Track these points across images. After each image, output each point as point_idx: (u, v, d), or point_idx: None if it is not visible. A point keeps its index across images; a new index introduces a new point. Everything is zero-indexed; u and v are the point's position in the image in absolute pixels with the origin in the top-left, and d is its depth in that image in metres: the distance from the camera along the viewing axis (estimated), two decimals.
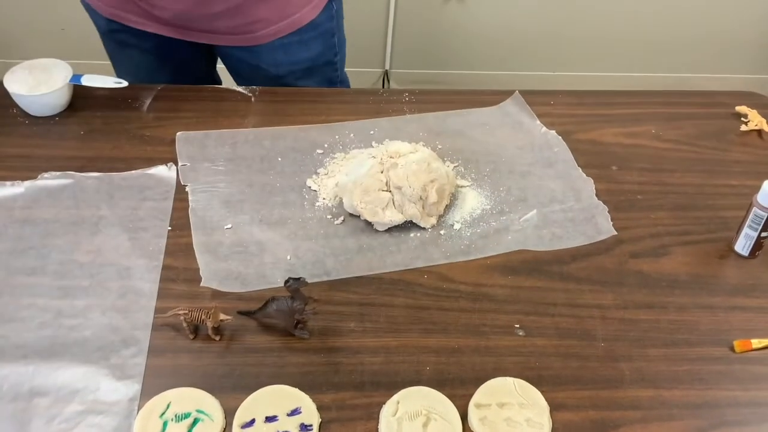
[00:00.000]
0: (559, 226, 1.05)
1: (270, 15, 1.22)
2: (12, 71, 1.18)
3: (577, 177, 1.12)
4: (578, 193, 1.10)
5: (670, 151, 1.20)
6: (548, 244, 1.02)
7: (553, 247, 1.02)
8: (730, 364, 0.90)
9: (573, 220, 1.06)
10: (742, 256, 1.02)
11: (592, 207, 1.08)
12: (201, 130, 1.17)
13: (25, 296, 0.92)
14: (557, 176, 1.13)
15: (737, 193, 1.12)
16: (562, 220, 1.06)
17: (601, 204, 1.08)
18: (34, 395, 0.82)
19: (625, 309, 0.95)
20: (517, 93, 1.27)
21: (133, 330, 0.89)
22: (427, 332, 0.91)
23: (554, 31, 2.61)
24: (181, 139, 1.15)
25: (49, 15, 2.54)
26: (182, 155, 1.12)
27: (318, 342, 0.89)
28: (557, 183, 1.12)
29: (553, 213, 1.07)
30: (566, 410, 0.84)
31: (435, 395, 0.83)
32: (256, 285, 0.95)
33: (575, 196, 1.10)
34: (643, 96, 1.32)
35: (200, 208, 1.04)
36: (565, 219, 1.06)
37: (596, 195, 1.10)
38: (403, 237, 1.02)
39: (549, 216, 1.06)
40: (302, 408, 0.81)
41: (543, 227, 1.05)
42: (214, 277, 0.95)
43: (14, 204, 1.03)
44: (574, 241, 1.03)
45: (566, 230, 1.04)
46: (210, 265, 0.96)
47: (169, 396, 0.82)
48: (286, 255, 0.99)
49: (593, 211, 1.07)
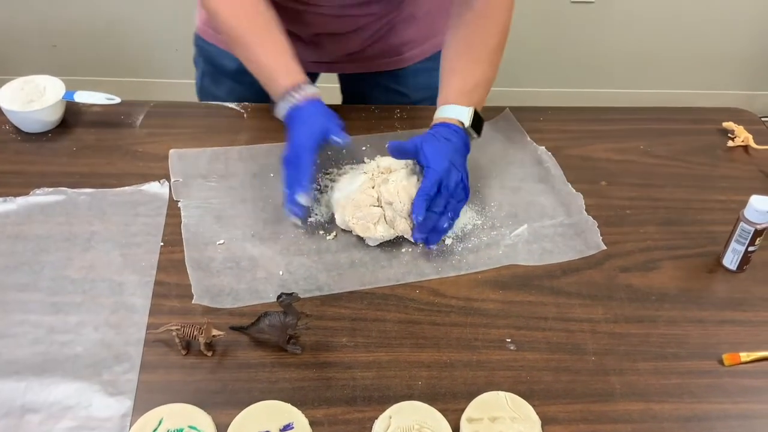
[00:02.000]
0: (550, 240, 1.06)
1: (417, 36, 1.27)
2: (4, 88, 1.18)
3: (567, 193, 1.13)
4: (568, 208, 1.11)
5: (659, 167, 1.21)
6: (538, 259, 1.03)
7: (543, 261, 1.03)
8: (719, 377, 0.90)
9: (563, 235, 1.07)
10: (730, 270, 1.03)
11: (582, 222, 1.09)
12: (194, 146, 1.17)
13: (17, 312, 0.92)
14: (547, 192, 1.14)
15: (725, 207, 1.13)
16: (552, 235, 1.07)
17: (591, 219, 1.09)
18: (26, 411, 0.82)
19: (615, 323, 0.96)
20: (508, 110, 1.28)
21: (125, 346, 0.89)
22: (419, 347, 0.91)
23: (543, 48, 2.64)
24: (173, 156, 1.15)
25: (41, 31, 2.54)
26: (175, 171, 1.12)
27: (310, 357, 0.90)
28: (547, 198, 1.13)
29: (544, 228, 1.08)
30: (557, 424, 0.84)
31: (427, 410, 0.83)
32: (249, 300, 0.95)
33: (565, 211, 1.11)
34: (632, 112, 1.34)
35: (193, 223, 1.05)
36: (555, 234, 1.07)
37: (586, 210, 1.11)
38: (394, 252, 1.03)
39: (539, 231, 1.07)
40: (294, 423, 0.81)
41: (533, 242, 1.06)
42: (206, 294, 0.95)
43: (6, 220, 1.03)
44: (564, 255, 1.04)
45: (556, 245, 1.05)
46: (202, 281, 0.97)
47: (161, 412, 0.81)
48: (279, 270, 0.99)
49: (583, 226, 1.08)
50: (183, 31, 2.56)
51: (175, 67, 2.65)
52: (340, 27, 1.22)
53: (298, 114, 1.04)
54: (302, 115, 1.03)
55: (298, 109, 1.04)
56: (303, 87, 1.04)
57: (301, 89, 1.04)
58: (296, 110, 1.04)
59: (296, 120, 1.03)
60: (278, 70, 1.05)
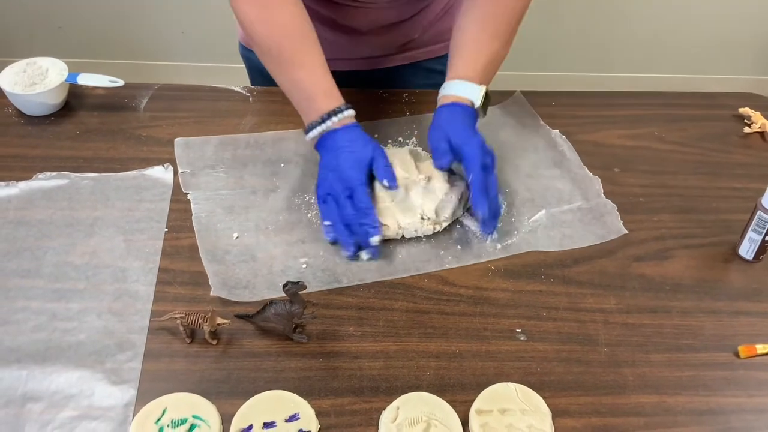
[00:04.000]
0: (569, 226, 1.04)
1: None
2: (6, 70, 1.16)
3: (583, 176, 1.11)
4: (585, 193, 1.09)
5: (673, 153, 1.19)
6: (559, 245, 1.01)
7: (564, 247, 1.01)
8: (734, 369, 0.89)
9: (582, 220, 1.05)
10: (746, 260, 1.01)
11: (601, 206, 1.07)
12: (198, 130, 1.15)
13: (19, 299, 0.90)
14: (564, 176, 1.12)
15: (741, 196, 1.11)
16: (571, 220, 1.05)
17: (610, 203, 1.07)
18: (27, 400, 0.80)
19: (628, 313, 0.94)
20: (518, 93, 1.25)
21: (128, 334, 0.87)
22: (427, 337, 0.90)
23: (555, 32, 2.61)
24: (180, 145, 1.13)
25: (46, 13, 2.52)
26: (182, 162, 1.10)
27: (316, 346, 0.88)
28: (564, 183, 1.10)
29: (562, 213, 1.06)
30: (568, 416, 0.82)
31: (435, 401, 0.82)
32: (267, 294, 0.92)
33: (583, 195, 1.09)
34: (644, 97, 1.31)
35: (204, 216, 1.02)
36: (574, 219, 1.05)
37: (603, 194, 1.09)
38: (412, 241, 1.01)
39: (558, 216, 1.05)
40: (300, 414, 0.80)
41: (552, 228, 1.03)
42: (223, 287, 0.93)
43: (8, 205, 1.01)
44: (585, 240, 1.02)
45: (576, 230, 1.03)
46: (219, 274, 0.94)
47: (165, 401, 0.80)
48: (295, 262, 0.97)
49: (602, 209, 1.06)
50: (189, 13, 2.55)
51: (180, 50, 2.64)
52: (398, 16, 1.20)
53: (334, 138, 0.99)
54: (341, 141, 0.99)
55: (335, 133, 1.00)
56: (342, 110, 1.00)
57: (340, 112, 1.00)
58: (332, 135, 1.00)
59: (335, 146, 0.99)
60: (317, 91, 1.01)
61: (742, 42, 2.70)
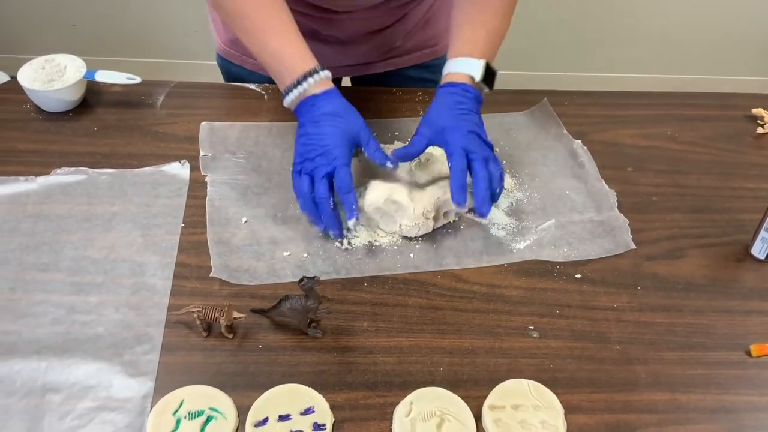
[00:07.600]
0: (576, 237, 1.03)
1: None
2: (25, 66, 1.17)
3: (599, 189, 1.10)
4: (599, 205, 1.07)
5: (686, 153, 1.19)
6: (563, 256, 1.00)
7: (567, 258, 1.00)
8: (746, 368, 0.89)
9: (591, 232, 1.03)
10: (759, 259, 1.01)
11: (612, 219, 1.05)
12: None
13: (38, 292, 0.92)
14: (580, 187, 1.10)
15: (754, 196, 1.11)
16: (579, 231, 1.04)
17: (622, 217, 1.06)
18: (47, 391, 0.82)
19: (641, 311, 0.94)
20: (545, 100, 1.25)
21: (146, 327, 0.88)
22: (441, 333, 0.91)
23: (566, 32, 2.61)
24: (205, 129, 1.15)
25: (62, 11, 2.54)
26: (204, 145, 1.12)
27: (331, 341, 0.89)
28: (579, 194, 1.09)
29: (572, 224, 1.05)
30: (581, 413, 0.83)
31: (449, 396, 0.83)
32: (266, 279, 0.94)
33: (596, 207, 1.07)
34: (657, 97, 1.31)
35: (217, 198, 1.04)
36: (583, 231, 1.04)
37: (618, 207, 1.07)
38: (415, 240, 1.01)
39: (566, 226, 1.04)
40: (315, 407, 0.81)
41: (560, 237, 1.02)
42: (224, 269, 0.95)
43: (27, 199, 1.03)
44: (589, 254, 1.01)
45: (582, 242, 1.02)
46: (221, 256, 0.96)
47: (182, 393, 0.81)
48: (298, 251, 0.98)
49: (613, 223, 1.05)
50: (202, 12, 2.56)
51: (195, 48, 2.65)
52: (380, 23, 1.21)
53: (315, 104, 0.98)
54: (324, 107, 0.98)
55: (315, 98, 0.99)
56: (317, 70, 0.99)
57: (315, 73, 0.99)
58: (312, 100, 0.99)
59: (315, 114, 0.98)
60: (293, 55, 1.00)
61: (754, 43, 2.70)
